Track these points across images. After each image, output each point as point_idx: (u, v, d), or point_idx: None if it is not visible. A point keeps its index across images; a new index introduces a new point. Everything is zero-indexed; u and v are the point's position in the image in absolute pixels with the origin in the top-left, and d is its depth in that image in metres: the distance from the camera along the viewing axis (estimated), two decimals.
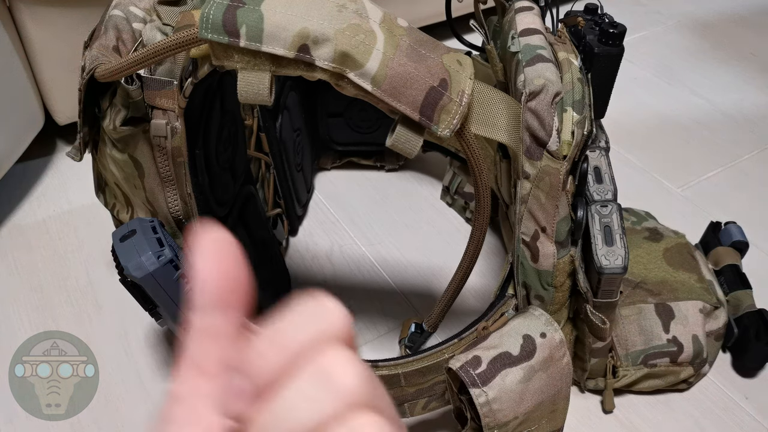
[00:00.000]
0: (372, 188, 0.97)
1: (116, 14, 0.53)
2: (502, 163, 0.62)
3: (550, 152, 0.50)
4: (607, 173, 0.62)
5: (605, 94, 0.66)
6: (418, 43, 0.46)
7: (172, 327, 0.60)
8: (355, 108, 0.92)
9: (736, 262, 0.78)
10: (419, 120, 0.45)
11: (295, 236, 0.89)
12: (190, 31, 0.44)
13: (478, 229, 0.54)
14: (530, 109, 0.49)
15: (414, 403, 0.60)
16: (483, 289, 0.81)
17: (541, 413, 0.55)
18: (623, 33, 0.62)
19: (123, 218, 0.60)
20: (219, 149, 0.62)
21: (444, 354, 0.57)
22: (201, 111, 0.57)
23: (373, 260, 0.86)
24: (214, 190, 0.61)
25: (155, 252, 0.53)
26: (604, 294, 0.58)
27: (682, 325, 0.69)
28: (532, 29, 0.56)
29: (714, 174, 1.01)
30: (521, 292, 0.58)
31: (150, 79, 0.51)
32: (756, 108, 1.15)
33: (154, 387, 0.71)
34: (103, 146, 0.56)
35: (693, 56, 1.29)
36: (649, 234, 0.80)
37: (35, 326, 0.77)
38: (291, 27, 0.43)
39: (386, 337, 0.77)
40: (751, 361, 0.72)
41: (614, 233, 0.58)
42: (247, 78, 0.44)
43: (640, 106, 1.15)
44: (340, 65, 0.44)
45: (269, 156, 0.80)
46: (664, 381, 0.69)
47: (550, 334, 0.54)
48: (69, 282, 0.83)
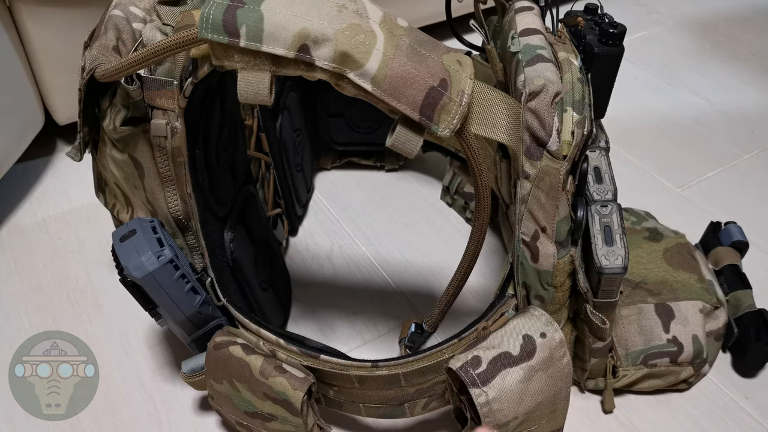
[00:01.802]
0: (372, 188, 0.97)
1: (116, 14, 0.53)
2: (502, 163, 0.62)
3: (550, 152, 0.50)
4: (607, 173, 0.62)
5: (605, 94, 0.66)
6: (418, 43, 0.46)
7: (172, 327, 0.61)
8: (355, 108, 0.92)
9: (736, 262, 0.78)
10: (419, 120, 0.45)
11: (295, 236, 0.89)
12: (190, 31, 0.44)
13: (478, 229, 0.54)
14: (530, 109, 0.49)
15: (414, 403, 0.60)
16: (483, 289, 0.81)
17: (541, 413, 0.55)
18: (623, 33, 0.62)
19: (123, 218, 0.60)
20: (219, 149, 0.62)
21: (444, 354, 0.57)
22: (201, 111, 0.57)
23: (373, 260, 0.86)
24: (214, 190, 0.61)
25: (155, 252, 0.53)
26: (604, 294, 0.58)
27: (682, 325, 0.69)
28: (532, 29, 0.56)
29: (714, 174, 1.01)
30: (521, 292, 0.58)
31: (150, 79, 0.51)
32: (756, 108, 1.15)
33: (154, 387, 0.71)
34: (103, 146, 0.56)
35: (693, 56, 1.29)
36: (649, 234, 0.80)
37: (35, 326, 0.77)
38: (291, 27, 0.43)
39: (386, 337, 0.77)
40: (751, 361, 0.72)
41: (614, 233, 0.58)
42: (247, 78, 0.44)
43: (640, 106, 1.15)
44: (340, 65, 0.44)
45: (269, 156, 0.80)
46: (664, 381, 0.69)
47: (550, 334, 0.54)
48: (69, 282, 0.83)
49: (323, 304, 0.80)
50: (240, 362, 0.57)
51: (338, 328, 0.78)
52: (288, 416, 0.57)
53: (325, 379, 0.59)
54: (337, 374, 0.58)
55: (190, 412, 0.69)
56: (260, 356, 0.57)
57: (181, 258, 0.57)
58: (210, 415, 0.68)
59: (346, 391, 0.60)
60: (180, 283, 0.55)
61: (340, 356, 0.58)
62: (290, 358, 0.58)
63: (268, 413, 0.58)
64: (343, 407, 0.62)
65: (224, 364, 0.58)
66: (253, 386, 0.57)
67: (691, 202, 0.96)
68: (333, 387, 0.60)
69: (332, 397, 0.61)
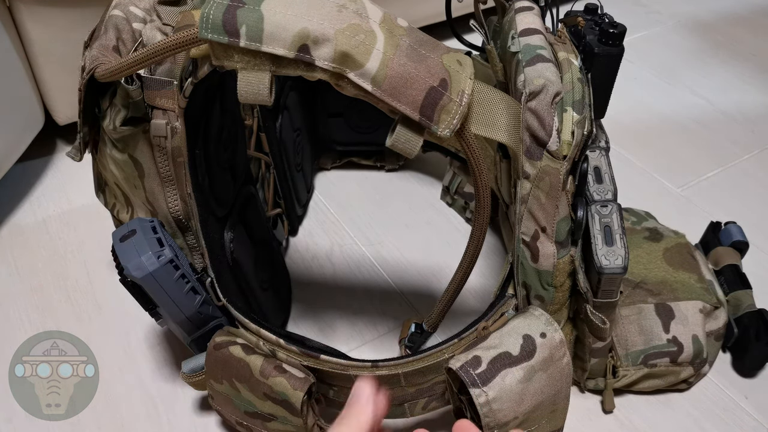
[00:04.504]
0: (372, 188, 0.97)
1: (116, 14, 0.53)
2: (502, 163, 0.62)
3: (550, 152, 0.50)
4: (607, 173, 0.62)
5: (605, 94, 0.66)
6: (418, 43, 0.46)
7: (172, 327, 0.61)
8: (355, 108, 0.92)
9: (736, 262, 0.78)
10: (419, 120, 0.45)
11: (295, 236, 0.89)
12: (190, 31, 0.44)
13: (478, 229, 0.54)
14: (530, 109, 0.49)
15: (414, 403, 0.60)
16: (483, 289, 0.81)
17: (541, 413, 0.55)
18: (623, 33, 0.62)
19: (123, 218, 0.60)
20: (219, 149, 0.62)
21: (444, 354, 0.57)
22: (201, 111, 0.57)
23: (373, 260, 0.86)
24: (214, 190, 0.61)
25: (155, 252, 0.53)
26: (604, 294, 0.58)
27: (682, 325, 0.69)
28: (532, 29, 0.56)
29: (714, 174, 1.01)
30: (521, 292, 0.58)
31: (150, 79, 0.51)
32: (756, 108, 1.15)
33: (154, 387, 0.71)
34: (103, 146, 0.56)
35: (693, 56, 1.29)
36: (649, 234, 0.80)
37: (35, 326, 0.77)
38: (291, 27, 0.43)
39: (386, 337, 0.77)
40: (751, 361, 0.72)
41: (614, 233, 0.58)
42: (247, 78, 0.44)
43: (640, 106, 1.15)
44: (340, 65, 0.44)
45: (269, 156, 0.80)
46: (664, 381, 0.69)
47: (550, 334, 0.54)
48: (69, 282, 0.83)
49: (323, 304, 0.80)
50: (240, 362, 0.57)
51: (338, 328, 0.78)
52: (288, 416, 0.57)
53: (325, 379, 0.59)
54: (337, 374, 0.58)
55: (190, 412, 0.69)
56: (260, 356, 0.57)
57: (181, 258, 0.57)
58: (210, 415, 0.68)
59: (346, 391, 0.60)
60: (180, 283, 0.55)
61: (340, 356, 0.58)
62: (290, 358, 0.58)
63: (268, 413, 0.58)
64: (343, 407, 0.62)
65: (224, 364, 0.58)
66: (253, 386, 0.57)
67: (691, 202, 0.96)
68: (333, 387, 0.60)
69: (332, 397, 0.61)
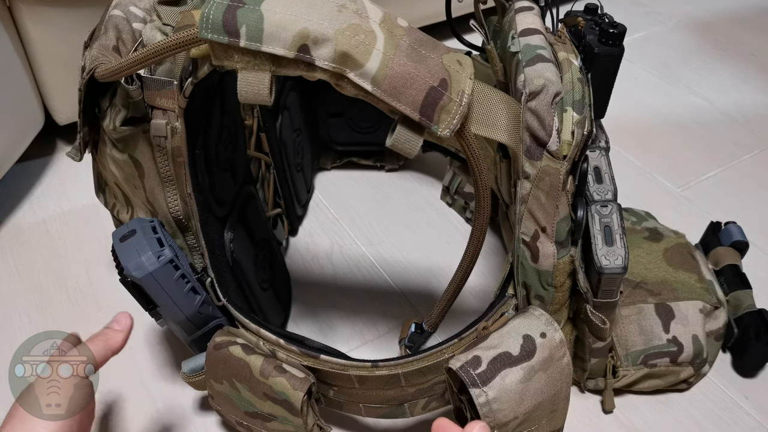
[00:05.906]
0: (372, 188, 0.97)
1: (116, 14, 0.53)
2: (502, 163, 0.62)
3: (550, 152, 0.50)
4: (607, 173, 0.62)
5: (605, 94, 0.66)
6: (418, 43, 0.46)
7: (172, 327, 0.60)
8: (355, 108, 0.92)
9: (736, 262, 0.78)
10: (419, 120, 0.45)
11: (295, 236, 0.89)
12: (190, 31, 0.44)
13: (478, 229, 0.54)
14: (530, 109, 0.49)
15: (414, 403, 0.60)
16: (483, 289, 0.81)
17: (541, 413, 0.55)
18: (623, 33, 0.62)
19: (123, 218, 0.60)
20: (219, 149, 0.62)
21: (444, 354, 0.57)
22: (201, 111, 0.57)
23: (373, 260, 0.86)
24: (214, 190, 0.61)
25: (155, 252, 0.53)
26: (604, 294, 0.58)
27: (682, 325, 0.69)
28: (532, 29, 0.56)
29: (714, 174, 1.01)
30: (521, 292, 0.58)
31: (150, 79, 0.51)
32: (756, 108, 1.15)
33: (155, 387, 0.71)
34: (103, 146, 0.56)
35: (693, 56, 1.29)
36: (649, 234, 0.80)
37: (35, 326, 0.77)
38: (291, 27, 0.43)
39: (386, 337, 0.77)
40: (751, 361, 0.73)
41: (614, 233, 0.58)
42: (247, 78, 0.44)
43: (640, 106, 1.15)
44: (340, 65, 0.44)
45: (269, 156, 0.80)
46: (664, 381, 0.69)
47: (550, 334, 0.54)
48: (69, 282, 0.83)
49: (323, 304, 0.80)
50: (240, 362, 0.57)
51: (338, 328, 0.78)
52: (288, 416, 0.57)
53: (325, 379, 0.59)
54: (337, 374, 0.58)
55: (190, 412, 0.69)
56: (260, 356, 0.57)
57: (181, 258, 0.57)
58: (210, 415, 0.68)
59: (346, 391, 0.60)
60: (180, 283, 0.55)
61: (340, 356, 0.58)
62: (290, 358, 0.58)
63: (268, 413, 0.58)
64: (343, 407, 0.62)
65: (224, 364, 0.58)
66: (253, 386, 0.57)
67: (691, 202, 0.96)
68: (333, 387, 0.60)
69: (332, 397, 0.61)
